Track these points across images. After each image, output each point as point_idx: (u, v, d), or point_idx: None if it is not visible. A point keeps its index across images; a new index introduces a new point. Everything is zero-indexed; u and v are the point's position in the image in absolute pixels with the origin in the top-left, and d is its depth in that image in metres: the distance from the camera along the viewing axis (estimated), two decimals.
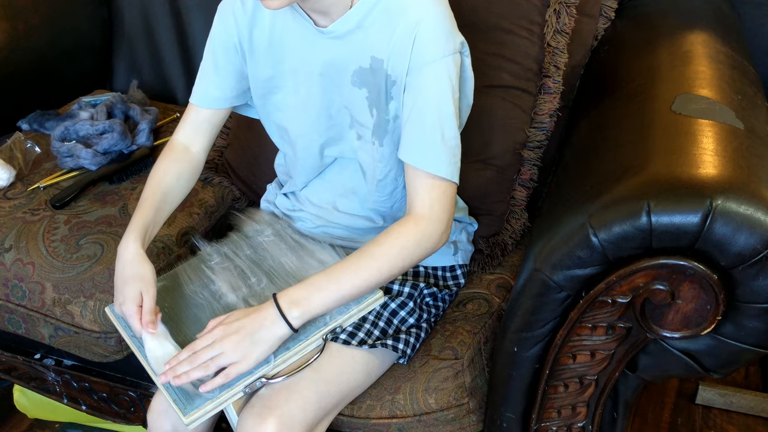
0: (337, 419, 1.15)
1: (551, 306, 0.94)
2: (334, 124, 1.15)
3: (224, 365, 1.01)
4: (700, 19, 1.29)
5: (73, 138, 1.57)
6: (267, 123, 1.24)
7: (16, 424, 1.76)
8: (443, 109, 1.02)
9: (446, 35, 1.01)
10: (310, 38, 1.09)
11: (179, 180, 1.21)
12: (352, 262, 1.04)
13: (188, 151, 1.23)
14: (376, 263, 1.03)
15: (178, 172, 1.21)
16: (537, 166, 1.34)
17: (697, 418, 1.71)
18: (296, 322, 1.02)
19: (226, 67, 1.18)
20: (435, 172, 1.03)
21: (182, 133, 1.23)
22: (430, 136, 1.03)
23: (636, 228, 0.84)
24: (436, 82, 1.01)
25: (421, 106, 1.02)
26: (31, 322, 1.35)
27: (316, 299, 1.03)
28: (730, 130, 0.95)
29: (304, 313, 1.02)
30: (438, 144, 1.03)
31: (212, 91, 1.20)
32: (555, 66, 1.32)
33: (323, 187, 1.23)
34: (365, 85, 1.08)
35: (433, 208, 1.04)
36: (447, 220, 1.05)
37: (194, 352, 1.02)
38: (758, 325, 0.86)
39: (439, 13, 1.01)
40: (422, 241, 1.03)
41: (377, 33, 1.04)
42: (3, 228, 1.39)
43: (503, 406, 1.08)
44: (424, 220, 1.04)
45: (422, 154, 1.03)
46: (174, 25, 1.84)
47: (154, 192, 1.17)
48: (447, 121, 1.03)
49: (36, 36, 1.74)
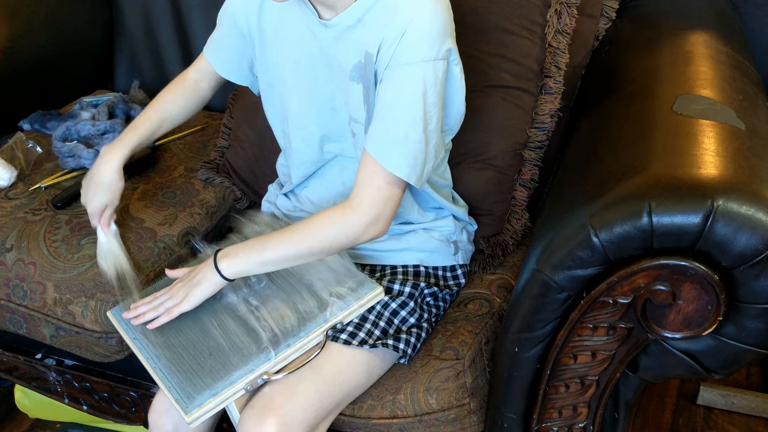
0: (338, 419, 1.15)
1: (552, 306, 0.94)
2: (335, 118, 1.15)
3: (171, 305, 1.13)
4: (701, 20, 1.29)
5: (75, 138, 1.57)
6: (270, 111, 1.25)
7: (17, 424, 1.77)
8: (411, 110, 1.02)
9: (432, 40, 1.00)
10: (314, 30, 1.10)
11: (180, 111, 1.31)
12: (282, 232, 1.10)
13: (197, 86, 1.32)
14: (298, 238, 1.08)
15: (180, 105, 1.31)
16: (538, 166, 1.34)
17: (699, 419, 1.70)
18: (226, 272, 1.10)
19: (227, 42, 1.25)
20: (382, 162, 1.03)
21: (195, 70, 1.32)
22: (391, 130, 1.03)
23: (637, 228, 0.84)
24: (410, 84, 1.01)
25: (389, 101, 1.03)
26: (33, 322, 1.35)
27: (242, 255, 1.10)
28: (731, 130, 0.95)
29: (230, 266, 1.10)
30: (398, 139, 1.02)
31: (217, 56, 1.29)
32: (556, 66, 1.32)
33: (324, 186, 1.23)
34: (361, 80, 1.08)
35: (364, 199, 1.05)
36: (375, 214, 1.05)
37: (155, 297, 1.17)
38: (759, 325, 0.86)
39: (433, 18, 1.01)
40: (343, 228, 1.06)
41: (373, 29, 1.04)
42: (4, 228, 1.39)
43: (504, 406, 1.08)
44: (350, 208, 1.05)
45: (377, 144, 1.04)
46: (175, 25, 1.84)
47: (153, 117, 1.29)
48: (413, 122, 1.02)
49: (37, 36, 1.74)
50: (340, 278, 1.15)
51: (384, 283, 1.17)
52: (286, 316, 1.10)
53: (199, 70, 1.32)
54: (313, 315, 1.10)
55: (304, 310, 1.11)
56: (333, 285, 1.14)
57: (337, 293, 1.13)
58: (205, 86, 1.33)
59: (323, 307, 1.11)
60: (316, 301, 1.12)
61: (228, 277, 1.10)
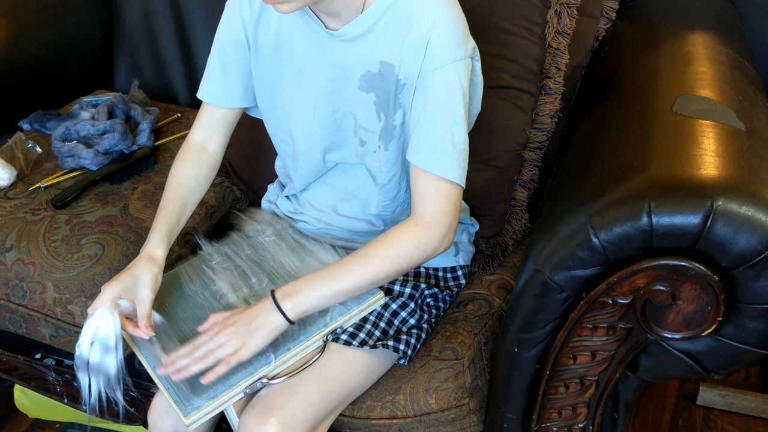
0: (338, 420, 1.15)
1: (552, 306, 0.94)
2: (338, 129, 1.14)
3: (223, 356, 1.02)
4: (701, 20, 1.29)
5: (74, 138, 1.57)
6: (269, 123, 1.24)
7: (17, 423, 1.76)
8: (453, 112, 1.02)
9: (459, 40, 1.02)
10: (319, 41, 1.09)
11: (198, 180, 1.22)
12: (349, 261, 1.05)
13: (205, 150, 1.23)
14: (373, 263, 1.04)
15: (197, 173, 1.21)
16: (538, 166, 1.34)
17: (698, 419, 1.70)
18: (290, 314, 1.03)
19: (234, 65, 1.17)
20: (442, 175, 1.03)
21: (198, 132, 1.23)
22: (439, 138, 1.03)
23: (637, 228, 0.84)
24: (447, 86, 1.02)
25: (431, 109, 1.03)
26: (32, 322, 1.35)
27: (309, 293, 1.04)
28: (731, 130, 0.95)
29: (297, 305, 1.04)
30: (447, 147, 1.03)
31: (221, 90, 1.20)
32: (556, 67, 1.32)
33: (324, 190, 1.23)
34: (373, 89, 1.08)
35: (436, 211, 1.04)
36: (449, 224, 1.05)
37: (195, 346, 1.04)
38: (759, 325, 0.86)
39: (453, 18, 1.02)
40: (422, 243, 1.04)
41: (388, 38, 1.04)
42: (4, 228, 1.39)
43: (504, 406, 1.08)
44: (425, 223, 1.04)
45: (430, 156, 1.03)
46: (175, 25, 1.84)
47: (176, 196, 1.18)
48: (457, 125, 1.03)
49: (37, 36, 1.74)
50: None
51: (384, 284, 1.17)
52: None
53: (202, 127, 1.23)
54: (313, 319, 1.10)
55: None
56: None
57: None
58: (214, 147, 1.23)
59: (323, 312, 1.10)
60: None
61: (293, 318, 1.04)
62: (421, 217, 1.04)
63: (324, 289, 1.04)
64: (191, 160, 1.21)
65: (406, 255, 1.04)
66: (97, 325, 1.04)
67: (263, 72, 1.16)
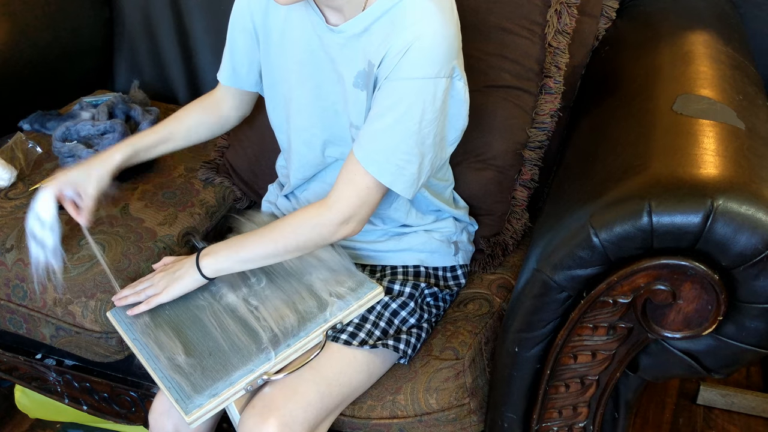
0: (338, 419, 1.15)
1: (552, 306, 0.94)
2: (338, 122, 1.15)
3: (151, 294, 1.16)
4: (702, 19, 1.29)
5: (75, 138, 1.57)
6: (273, 113, 1.25)
7: (17, 424, 1.77)
8: (405, 124, 1.01)
9: (435, 60, 1.00)
10: (320, 34, 1.09)
11: (199, 124, 1.30)
12: (260, 231, 1.12)
13: (218, 106, 1.31)
14: (274, 236, 1.10)
15: (199, 116, 1.30)
16: (538, 166, 1.34)
17: (699, 419, 1.70)
18: (206, 270, 1.13)
19: (242, 51, 1.23)
20: (366, 167, 1.04)
21: (218, 92, 1.31)
22: (380, 137, 1.03)
23: (637, 228, 0.84)
24: (407, 98, 1.01)
25: (383, 111, 1.02)
26: (33, 322, 1.35)
27: (222, 254, 1.12)
28: (731, 130, 0.95)
29: (211, 263, 1.12)
30: (386, 147, 1.03)
31: (229, 71, 1.26)
32: (556, 66, 1.32)
33: (323, 189, 1.23)
34: (365, 87, 1.08)
35: (340, 199, 1.06)
36: (349, 214, 1.06)
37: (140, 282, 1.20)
38: (759, 325, 0.86)
39: (439, 38, 0.99)
40: (318, 225, 1.07)
41: (378, 38, 1.04)
42: (4, 228, 1.39)
43: (504, 406, 1.08)
44: (326, 206, 1.07)
45: (364, 148, 1.04)
46: (175, 25, 1.84)
47: (167, 123, 1.29)
48: (406, 136, 1.02)
49: (37, 36, 1.74)
50: (340, 278, 1.15)
51: (384, 283, 1.18)
52: (286, 317, 1.10)
53: (221, 89, 1.31)
54: (313, 315, 1.10)
55: (304, 310, 1.11)
56: (333, 285, 1.14)
57: (336, 293, 1.13)
58: (227, 108, 1.32)
59: (323, 307, 1.11)
60: (315, 301, 1.12)
61: (208, 275, 1.13)
62: (326, 200, 1.08)
63: (232, 255, 1.12)
64: (200, 106, 1.31)
65: (303, 234, 1.08)
66: (38, 204, 1.21)
67: (271, 60, 1.18)
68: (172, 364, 1.08)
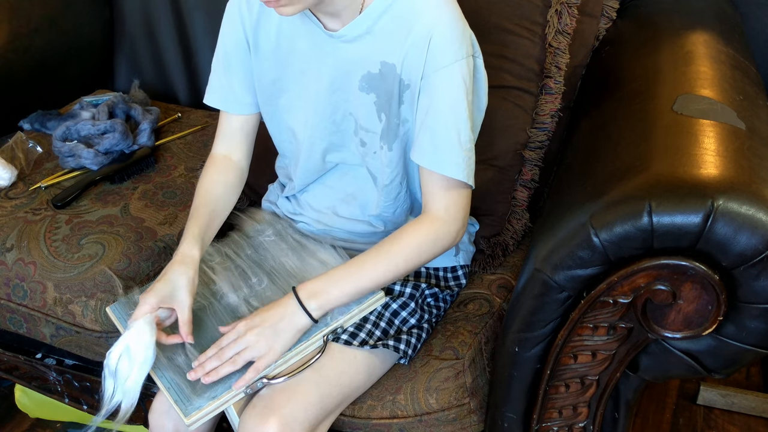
0: (339, 420, 1.15)
1: (552, 306, 0.94)
2: (337, 130, 1.14)
3: (250, 359, 1.03)
4: (702, 20, 1.29)
5: (75, 138, 1.57)
6: (271, 125, 1.23)
7: (17, 423, 1.77)
8: (458, 112, 1.03)
9: (460, 39, 1.02)
10: (319, 42, 1.09)
11: (226, 188, 1.20)
12: (369, 258, 1.07)
13: (229, 160, 1.22)
14: (392, 259, 1.06)
15: (224, 181, 1.20)
16: (538, 166, 1.34)
17: (699, 419, 1.70)
18: (315, 313, 1.05)
19: (241, 69, 1.17)
20: (450, 175, 1.04)
21: (220, 145, 1.22)
22: (445, 138, 1.03)
23: (637, 228, 0.84)
24: (451, 86, 1.02)
25: (436, 109, 1.03)
26: (33, 322, 1.35)
27: (333, 291, 1.06)
28: (731, 130, 0.95)
29: (323, 304, 1.05)
30: (454, 147, 1.03)
31: (229, 94, 1.19)
32: (556, 66, 1.32)
33: (323, 192, 1.23)
34: (374, 89, 1.08)
35: (449, 209, 1.06)
36: (462, 220, 1.08)
37: (221, 348, 1.04)
38: (759, 325, 0.86)
39: (452, 17, 1.02)
40: (438, 239, 1.06)
41: (388, 38, 1.04)
42: (5, 228, 1.39)
43: (504, 406, 1.08)
44: (439, 220, 1.06)
45: (438, 157, 1.04)
46: (175, 25, 1.84)
47: (205, 202, 1.16)
48: (462, 123, 1.03)
49: (38, 36, 1.74)
50: None
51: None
52: None
53: (223, 137, 1.22)
54: None
55: None
56: None
57: None
58: (238, 156, 1.22)
59: None
60: None
61: (317, 318, 1.06)
62: (435, 214, 1.06)
63: (348, 287, 1.06)
64: (217, 170, 1.20)
65: (424, 251, 1.06)
66: (131, 339, 1.03)
67: (265, 74, 1.16)
68: (171, 365, 1.08)
